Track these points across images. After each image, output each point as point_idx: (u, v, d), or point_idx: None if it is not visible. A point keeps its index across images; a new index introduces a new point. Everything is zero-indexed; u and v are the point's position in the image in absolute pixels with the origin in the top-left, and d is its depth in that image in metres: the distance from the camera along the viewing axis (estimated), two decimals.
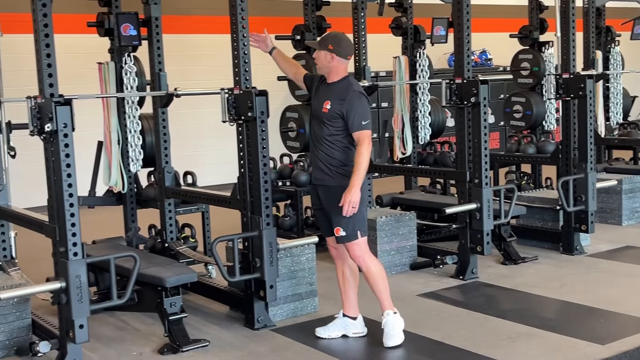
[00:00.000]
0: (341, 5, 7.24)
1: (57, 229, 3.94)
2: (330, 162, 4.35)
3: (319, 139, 4.38)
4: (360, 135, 4.25)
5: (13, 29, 6.47)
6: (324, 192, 4.41)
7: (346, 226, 4.32)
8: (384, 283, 4.43)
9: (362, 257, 4.39)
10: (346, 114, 4.26)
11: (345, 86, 4.34)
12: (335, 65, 4.35)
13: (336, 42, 4.36)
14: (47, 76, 3.89)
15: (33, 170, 7.41)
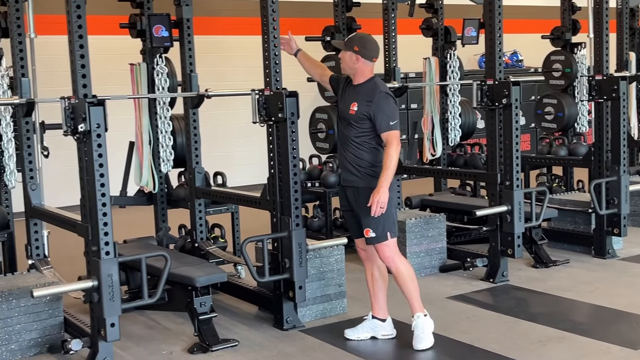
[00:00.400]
0: (371, 7, 7.23)
1: (90, 228, 3.99)
2: (358, 163, 4.35)
3: (346, 140, 4.38)
4: (388, 135, 4.25)
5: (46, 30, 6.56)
6: (352, 193, 4.41)
7: (376, 227, 4.31)
8: (414, 285, 4.41)
9: (391, 258, 4.38)
10: (373, 115, 4.26)
11: (371, 87, 4.34)
12: (361, 66, 4.35)
13: (362, 43, 4.35)
14: (80, 77, 3.93)
15: (65, 169, 7.54)
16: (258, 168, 9.60)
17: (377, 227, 4.31)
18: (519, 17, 11.85)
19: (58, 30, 7.41)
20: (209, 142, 5.78)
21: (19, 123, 5.03)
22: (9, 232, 5.35)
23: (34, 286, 4.35)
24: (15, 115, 5.17)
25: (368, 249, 4.49)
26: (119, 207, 5.82)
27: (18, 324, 4.40)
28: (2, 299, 4.35)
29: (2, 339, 4.36)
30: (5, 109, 5.23)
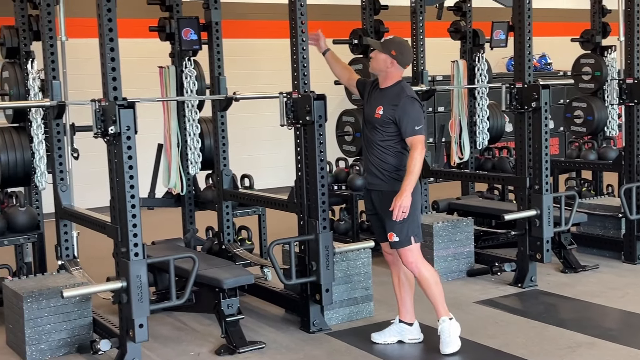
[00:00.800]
0: (399, 9, 7.22)
1: (119, 230, 4.02)
2: (383, 167, 4.33)
3: (371, 144, 4.36)
4: (413, 140, 4.22)
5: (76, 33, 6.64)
6: (377, 197, 4.39)
7: (399, 231, 4.29)
8: (438, 289, 4.37)
9: (414, 263, 4.34)
10: (399, 119, 4.23)
11: (397, 91, 4.31)
12: (392, 71, 4.33)
13: (400, 49, 4.32)
14: (111, 80, 3.97)
15: (94, 171, 7.61)
16: (284, 170, 9.64)
17: (401, 232, 4.29)
18: (547, 19, 11.76)
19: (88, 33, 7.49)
20: (236, 144, 5.81)
21: (50, 125, 5.08)
22: (39, 233, 5.40)
23: (63, 287, 4.40)
24: (46, 117, 5.22)
25: (394, 253, 4.47)
26: (147, 209, 5.86)
27: (48, 324, 4.45)
28: (32, 299, 4.40)
29: (32, 339, 4.40)
30: (36, 111, 5.29)
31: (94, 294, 4.45)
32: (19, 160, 5.36)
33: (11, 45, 5.48)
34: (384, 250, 4.57)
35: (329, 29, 5.20)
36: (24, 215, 5.33)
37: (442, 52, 7.95)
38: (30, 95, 5.31)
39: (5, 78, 5.54)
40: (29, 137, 5.39)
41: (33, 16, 5.43)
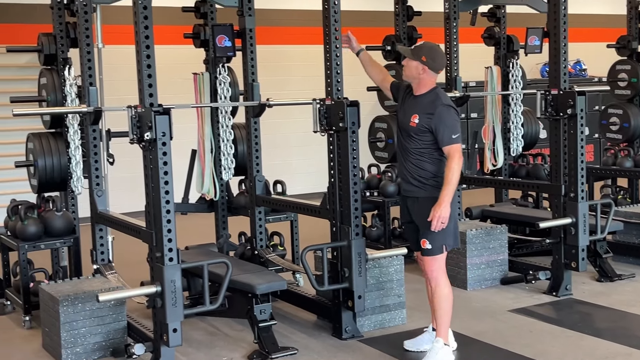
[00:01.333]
0: (432, 15, 7.21)
1: (154, 235, 4.05)
2: (420, 174, 4.27)
3: (407, 151, 4.31)
4: (450, 149, 4.16)
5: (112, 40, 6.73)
6: (413, 203, 4.34)
7: (433, 239, 4.22)
8: (448, 308, 4.28)
9: (436, 273, 4.27)
10: (435, 128, 4.16)
11: (433, 99, 4.24)
12: (425, 77, 4.25)
13: (431, 54, 4.24)
14: (147, 86, 4.01)
15: (128, 176, 7.70)
16: (316, 176, 9.66)
17: (435, 240, 4.22)
18: (582, 25, 11.63)
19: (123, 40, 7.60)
20: (268, 150, 5.83)
21: (86, 131, 5.14)
22: (75, 237, 5.47)
23: (99, 291, 4.45)
24: (83, 123, 5.29)
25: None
26: (181, 214, 5.90)
27: (83, 328, 4.50)
28: (68, 303, 4.46)
29: (68, 342, 4.46)
30: (73, 117, 5.37)
31: (128, 298, 4.49)
32: (55, 166, 5.45)
33: (49, 52, 5.56)
34: (419, 259, 4.51)
35: (362, 35, 5.20)
36: (61, 219, 5.41)
37: (475, 58, 7.91)
38: (68, 101, 5.38)
39: (43, 84, 5.63)
40: (65, 143, 5.47)
41: (70, 23, 5.51)
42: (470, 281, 5.78)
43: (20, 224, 5.35)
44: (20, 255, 5.29)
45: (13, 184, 7.93)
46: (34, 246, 5.34)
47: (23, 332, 5.20)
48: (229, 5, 5.41)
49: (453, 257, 5.86)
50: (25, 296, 5.26)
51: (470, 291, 5.75)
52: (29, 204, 5.49)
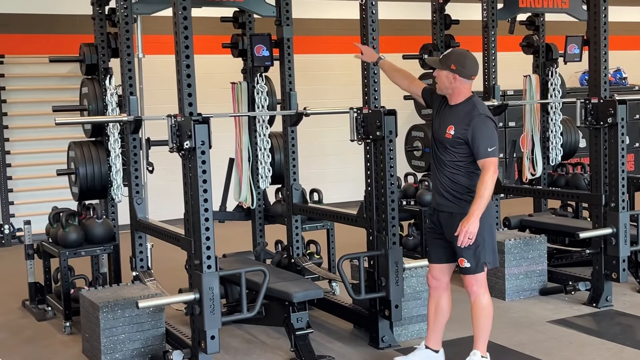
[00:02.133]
0: (470, 24, 7.18)
1: (193, 242, 4.09)
2: (454, 188, 4.12)
3: (441, 163, 4.15)
4: (485, 162, 3.98)
5: (151, 49, 6.82)
6: (446, 218, 4.17)
7: (471, 257, 4.07)
8: (489, 322, 4.17)
9: (476, 288, 4.15)
10: (471, 139, 4.00)
11: (470, 109, 4.07)
12: (458, 86, 4.09)
13: (460, 61, 4.08)
14: (187, 95, 4.06)
15: (166, 184, 7.78)
16: (352, 185, 9.67)
17: (473, 258, 4.07)
18: (622, 33, 11.48)
19: (162, 50, 7.71)
20: (304, 159, 5.85)
21: (127, 139, 5.21)
22: (114, 245, 5.55)
23: (138, 297, 4.50)
24: (123, 131, 5.37)
25: (442, 279, 4.28)
26: (218, 222, 5.93)
27: (122, 334, 4.55)
28: (108, 309, 4.51)
29: (108, 348, 4.51)
30: (113, 125, 5.45)
31: (167, 305, 4.53)
32: (96, 174, 5.54)
33: (91, 62, 5.67)
34: (431, 273, 4.33)
35: (398, 44, 5.23)
36: (101, 227, 5.49)
37: (513, 66, 7.85)
38: (108, 110, 5.47)
39: (84, 94, 5.73)
40: (106, 151, 5.56)
41: (112, 34, 5.61)
42: (508, 291, 5.72)
43: (61, 231, 5.44)
44: (61, 262, 5.38)
45: (55, 191, 8.08)
46: (75, 253, 5.43)
47: (63, 337, 5.28)
48: (267, 15, 5.45)
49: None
50: (66, 302, 5.34)
51: (509, 302, 5.69)
52: (70, 212, 5.59)
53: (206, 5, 5.24)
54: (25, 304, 6.03)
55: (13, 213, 8.82)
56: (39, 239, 5.91)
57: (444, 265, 4.27)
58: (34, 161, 8.83)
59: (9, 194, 8.80)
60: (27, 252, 5.90)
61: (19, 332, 5.46)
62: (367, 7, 4.66)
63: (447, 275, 4.30)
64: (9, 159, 8.81)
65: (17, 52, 8.84)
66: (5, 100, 8.77)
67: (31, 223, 5.99)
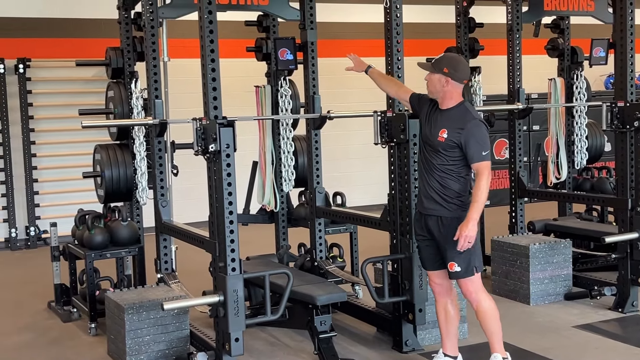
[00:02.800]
0: (494, 27, 7.14)
1: (217, 245, 4.11)
2: (444, 192, 4.09)
3: (432, 167, 4.13)
4: (479, 166, 3.99)
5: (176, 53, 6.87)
6: (435, 223, 4.14)
7: (462, 262, 4.06)
8: (497, 323, 4.16)
9: (475, 294, 4.14)
10: (465, 143, 4.00)
11: (462, 113, 4.08)
12: (450, 90, 4.08)
13: (452, 65, 4.09)
14: (212, 99, 4.08)
15: (190, 187, 7.83)
16: (375, 188, 9.66)
17: (463, 262, 4.06)
18: None
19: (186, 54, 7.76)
20: (327, 162, 5.86)
21: (152, 142, 5.25)
22: (139, 247, 5.59)
23: (163, 299, 4.53)
24: (148, 135, 5.41)
25: (444, 284, 4.27)
26: (242, 225, 5.95)
27: (147, 336, 4.58)
28: (133, 311, 4.55)
29: (133, 349, 4.55)
30: (139, 128, 5.49)
31: (192, 307, 4.56)
32: (122, 176, 5.58)
33: (117, 66, 5.72)
34: (432, 280, 4.33)
35: (422, 47, 5.22)
36: (126, 229, 5.53)
37: (538, 69, 7.80)
38: (134, 113, 5.51)
39: (110, 97, 5.78)
40: (131, 154, 5.60)
41: (137, 38, 5.66)
42: (533, 296, 5.69)
43: (87, 233, 5.50)
44: (87, 264, 5.43)
45: (80, 194, 8.15)
46: (100, 255, 5.48)
47: (89, 338, 5.33)
48: (291, 19, 5.48)
49: (515, 272, 5.79)
50: (91, 304, 5.39)
51: (534, 306, 5.66)
52: (96, 214, 5.64)
53: (231, 9, 5.26)
54: (51, 305, 6.09)
55: (39, 215, 8.93)
56: (65, 241, 5.97)
57: (439, 271, 4.25)
58: (60, 164, 8.93)
59: (35, 196, 8.91)
60: (53, 254, 5.96)
61: (45, 333, 5.52)
62: (391, 10, 4.66)
63: (447, 279, 4.27)
64: (35, 162, 8.92)
65: (44, 55, 8.95)
66: (32, 103, 8.88)
67: (57, 225, 6.05)
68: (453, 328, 4.35)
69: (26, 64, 8.79)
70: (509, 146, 6.48)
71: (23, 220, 8.90)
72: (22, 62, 8.75)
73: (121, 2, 5.67)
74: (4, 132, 8.74)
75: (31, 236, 8.85)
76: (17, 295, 6.64)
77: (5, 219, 8.83)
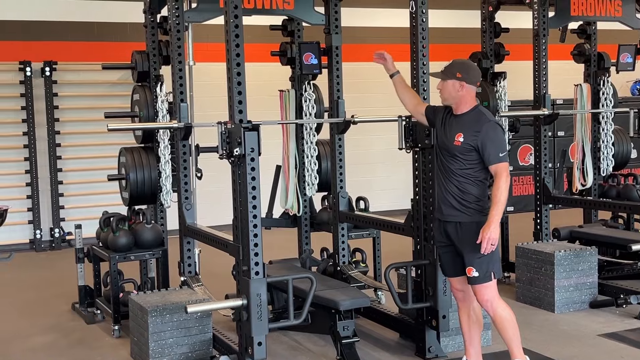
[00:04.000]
0: (520, 32, 7.11)
1: (241, 248, 4.11)
2: (463, 197, 4.07)
3: (448, 172, 4.11)
4: (497, 168, 3.97)
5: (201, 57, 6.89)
6: (454, 229, 4.12)
7: (480, 266, 4.02)
8: (515, 329, 4.11)
9: (490, 302, 4.09)
10: (481, 146, 3.99)
11: (477, 116, 4.08)
12: (465, 94, 4.10)
13: (464, 69, 4.12)
14: (237, 103, 4.09)
15: (213, 190, 7.85)
16: (398, 193, 9.63)
17: (481, 267, 4.02)
18: None
19: (211, 58, 7.79)
20: (351, 166, 5.85)
21: (177, 146, 5.27)
22: (163, 250, 5.61)
23: (186, 302, 4.53)
24: (173, 138, 5.43)
25: (466, 290, 4.23)
26: (265, 229, 5.94)
27: (170, 338, 4.59)
28: (156, 314, 4.57)
29: (156, 352, 4.56)
30: (164, 132, 5.52)
31: (215, 310, 4.56)
32: (146, 179, 5.61)
33: (142, 69, 5.76)
34: (454, 286, 4.30)
35: (447, 52, 5.19)
36: (150, 232, 5.56)
37: (563, 75, 7.75)
38: (159, 117, 5.54)
39: (135, 100, 5.82)
40: (156, 157, 5.63)
41: (163, 42, 5.69)
42: (558, 304, 5.63)
43: (111, 235, 5.53)
44: (111, 266, 5.47)
45: (105, 196, 8.22)
46: (125, 257, 5.52)
47: (112, 340, 5.36)
48: (316, 23, 5.47)
49: (540, 279, 5.74)
50: (115, 306, 5.42)
51: (558, 314, 5.60)
52: (121, 216, 5.68)
53: (256, 13, 5.27)
54: (75, 306, 6.14)
55: (64, 217, 9.00)
56: (89, 243, 6.02)
57: (461, 278, 4.22)
58: (85, 166, 9.01)
59: (59, 198, 8.99)
60: (78, 256, 6.00)
61: (69, 335, 5.56)
62: (417, 15, 4.65)
63: (468, 285, 4.22)
64: (60, 164, 9.00)
65: (70, 59, 9.04)
66: (58, 106, 8.97)
67: (82, 227, 6.09)
68: (476, 335, 4.32)
69: (52, 67, 8.88)
70: (534, 152, 6.43)
71: (48, 222, 8.98)
72: (49, 65, 8.85)
73: (147, 6, 5.71)
74: (30, 135, 8.83)
75: (56, 238, 8.93)
76: (42, 297, 6.70)
77: (30, 220, 8.91)
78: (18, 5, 8.85)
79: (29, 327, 5.76)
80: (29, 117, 8.82)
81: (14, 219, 8.31)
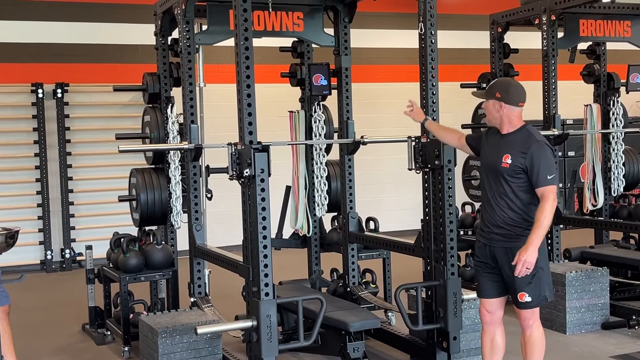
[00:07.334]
0: (529, 52, 7.13)
1: (251, 269, 4.11)
2: (513, 221, 3.99)
3: (498, 195, 4.02)
4: (545, 191, 3.87)
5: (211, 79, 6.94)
6: (503, 253, 4.03)
7: (533, 292, 3.97)
8: (542, 354, 4.08)
9: (532, 321, 4.07)
10: (530, 167, 3.91)
11: (525, 137, 4.00)
12: (506, 114, 4.02)
13: (504, 89, 4.05)
14: (247, 124, 4.11)
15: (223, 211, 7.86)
16: (408, 214, 9.62)
17: (534, 292, 3.98)
18: None
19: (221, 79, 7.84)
20: (360, 187, 5.85)
21: (187, 167, 5.29)
22: (173, 270, 5.62)
23: (196, 323, 4.53)
24: (184, 159, 5.45)
25: (496, 313, 4.19)
26: (274, 249, 5.96)
27: (180, 359, 4.58)
28: (166, 335, 4.56)
29: None
30: (174, 153, 5.54)
31: (225, 331, 4.55)
32: (157, 200, 5.63)
33: (153, 91, 5.79)
34: (485, 307, 4.22)
35: (456, 72, 5.21)
36: (161, 253, 5.57)
37: (573, 95, 7.75)
38: (170, 138, 5.56)
39: (146, 122, 5.85)
40: (166, 178, 5.65)
41: (174, 63, 5.73)
42: (569, 325, 5.59)
43: (122, 256, 5.54)
44: (121, 287, 5.47)
45: (115, 217, 8.24)
46: (135, 278, 5.52)
47: None
48: (325, 45, 5.51)
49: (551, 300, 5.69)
50: (125, 327, 5.42)
51: (570, 335, 5.56)
52: (131, 237, 5.69)
53: (266, 35, 5.32)
54: (85, 327, 6.14)
55: (74, 238, 9.03)
56: (100, 264, 6.03)
57: (497, 300, 4.18)
58: (95, 187, 9.05)
59: (70, 218, 9.02)
60: (88, 277, 6.01)
61: (79, 356, 5.55)
62: (426, 36, 4.66)
63: (501, 309, 4.20)
64: (71, 185, 9.05)
65: (81, 80, 9.11)
66: (69, 127, 9.03)
67: (92, 248, 6.11)
68: (497, 359, 4.27)
69: (64, 88, 8.96)
70: None
71: (58, 243, 9.01)
72: (60, 86, 8.92)
73: (159, 29, 5.76)
74: (42, 156, 8.89)
75: (66, 258, 8.96)
76: (52, 317, 6.70)
77: (41, 241, 8.94)
78: (30, 28, 8.94)
79: (40, 348, 5.76)
80: (41, 139, 8.89)
81: (25, 239, 8.34)
